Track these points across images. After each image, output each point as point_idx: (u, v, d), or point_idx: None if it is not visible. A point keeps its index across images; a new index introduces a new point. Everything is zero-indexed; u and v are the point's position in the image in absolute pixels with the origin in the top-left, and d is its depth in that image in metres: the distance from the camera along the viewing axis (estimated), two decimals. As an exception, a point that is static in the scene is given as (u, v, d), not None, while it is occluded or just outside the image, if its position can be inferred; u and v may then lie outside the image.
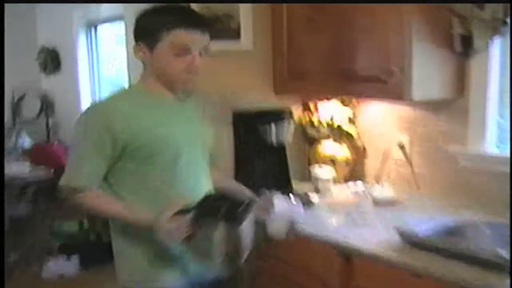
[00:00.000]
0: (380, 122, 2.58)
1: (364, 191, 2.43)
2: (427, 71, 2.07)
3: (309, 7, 2.25)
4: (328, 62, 2.26)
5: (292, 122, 2.38)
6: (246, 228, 1.55)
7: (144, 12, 1.66)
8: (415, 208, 2.20)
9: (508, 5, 1.97)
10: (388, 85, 2.05)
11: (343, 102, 2.63)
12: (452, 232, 1.93)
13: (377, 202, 2.28)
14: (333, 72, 2.25)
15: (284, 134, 2.32)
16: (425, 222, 1.96)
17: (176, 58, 1.60)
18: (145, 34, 1.63)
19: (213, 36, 1.68)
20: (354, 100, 2.62)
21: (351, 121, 2.62)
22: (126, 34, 4.60)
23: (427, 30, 2.04)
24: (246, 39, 2.37)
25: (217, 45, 1.80)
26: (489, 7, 2.00)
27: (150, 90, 1.71)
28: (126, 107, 1.64)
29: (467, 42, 2.11)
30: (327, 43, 2.25)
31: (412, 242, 1.74)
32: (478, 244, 1.85)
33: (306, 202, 2.24)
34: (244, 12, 2.40)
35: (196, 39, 1.61)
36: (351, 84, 2.20)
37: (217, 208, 1.49)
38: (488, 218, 1.98)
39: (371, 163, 2.64)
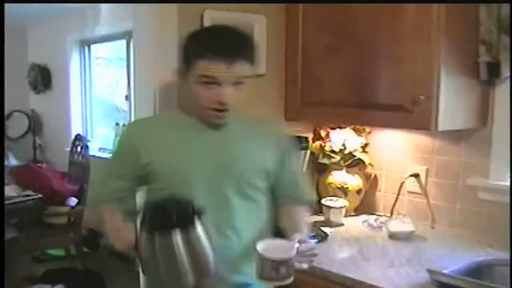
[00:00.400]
0: (395, 152, 2.48)
1: (379, 224, 2.31)
2: (453, 100, 1.97)
3: (329, 36, 2.14)
4: (347, 90, 2.15)
5: (308, 150, 2.26)
6: (203, 239, 1.34)
7: (188, 34, 1.56)
8: (435, 243, 2.08)
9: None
10: (414, 114, 1.94)
11: (356, 131, 2.52)
12: (480, 270, 1.81)
13: (392, 236, 2.16)
14: (352, 101, 2.14)
15: (301, 163, 2.19)
16: (449, 259, 1.86)
17: (204, 89, 1.45)
18: (181, 58, 1.55)
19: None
20: (367, 129, 2.52)
21: (364, 149, 2.51)
22: (129, 53, 4.48)
23: (453, 58, 1.95)
24: (259, 62, 2.25)
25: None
26: (518, 35, 1.93)
27: (182, 117, 1.62)
28: (155, 129, 1.61)
29: (492, 70, 2.02)
30: (347, 72, 2.14)
31: (442, 283, 1.62)
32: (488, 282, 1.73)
33: (320, 236, 2.11)
34: (258, 33, 2.29)
35: (222, 70, 1.44)
36: (371, 113, 2.09)
37: (167, 213, 1.30)
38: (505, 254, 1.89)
39: (384, 193, 2.52)
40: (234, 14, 2.21)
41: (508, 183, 2.11)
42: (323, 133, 2.54)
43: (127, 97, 4.58)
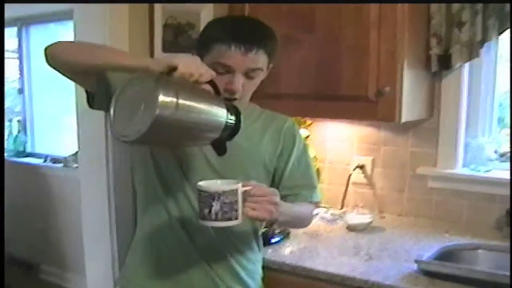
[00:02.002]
0: (338, 143, 2.49)
1: (333, 217, 2.30)
2: (412, 91, 2.01)
3: (284, 24, 2.07)
4: (305, 81, 2.10)
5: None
6: None
7: (210, 21, 1.52)
8: (396, 233, 2.12)
9: (487, 28, 1.99)
10: (378, 105, 1.95)
11: (297, 123, 2.48)
12: (450, 255, 1.87)
13: (351, 228, 2.17)
14: (312, 92, 2.10)
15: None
16: (419, 247, 1.91)
17: (218, 76, 1.33)
18: (197, 44, 1.48)
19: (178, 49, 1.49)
20: (308, 120, 2.49)
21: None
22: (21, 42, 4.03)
23: (411, 49, 1.98)
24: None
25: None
26: (468, 30, 2.01)
27: None
28: None
29: (442, 62, 2.09)
30: (306, 62, 2.08)
31: (431, 271, 1.64)
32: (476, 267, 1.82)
33: (283, 233, 2.05)
34: (204, 21, 2.15)
35: (238, 58, 1.38)
36: (332, 105, 2.06)
37: None
38: (467, 239, 1.99)
39: (327, 185, 2.52)
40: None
41: (456, 171, 2.21)
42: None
43: (21, 90, 4.15)
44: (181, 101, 1.13)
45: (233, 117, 1.26)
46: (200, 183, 1.28)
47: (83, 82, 1.38)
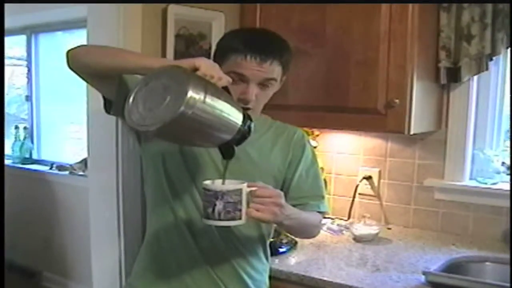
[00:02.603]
0: (345, 154, 2.49)
1: (339, 228, 2.30)
2: (421, 103, 2.02)
3: (294, 38, 2.08)
4: (314, 93, 2.12)
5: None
6: None
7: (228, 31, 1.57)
8: (402, 245, 2.12)
9: (495, 41, 2.01)
10: (388, 117, 1.96)
11: (307, 134, 2.49)
12: (457, 268, 1.88)
13: (358, 239, 2.17)
14: (321, 104, 2.11)
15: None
16: (425, 259, 1.91)
17: (232, 85, 1.34)
18: (214, 54, 1.51)
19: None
20: (316, 131, 2.50)
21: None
22: (30, 50, 4.05)
23: (421, 62, 1.99)
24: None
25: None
26: (477, 43, 2.02)
27: None
28: None
29: (451, 75, 2.11)
30: (315, 74, 2.10)
31: (438, 283, 1.64)
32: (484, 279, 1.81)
33: (291, 243, 2.05)
34: (216, 31, 2.18)
35: (253, 68, 1.40)
36: (341, 116, 2.07)
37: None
38: (473, 252, 2.00)
39: (333, 196, 2.52)
40: (195, 10, 2.12)
41: (463, 183, 2.22)
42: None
43: (28, 98, 4.16)
44: (208, 96, 1.14)
45: (247, 123, 1.27)
46: (206, 181, 1.29)
47: (102, 86, 1.40)
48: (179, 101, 1.10)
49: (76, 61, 1.35)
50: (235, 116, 1.24)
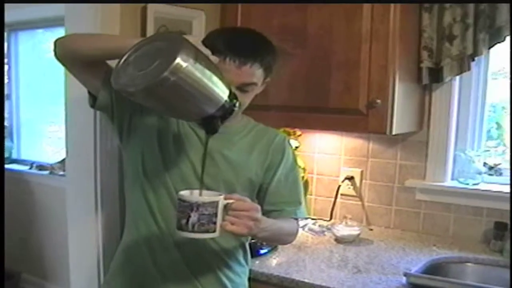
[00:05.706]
0: (327, 155, 2.48)
1: (321, 229, 2.29)
2: (403, 104, 2.01)
3: (280, 40, 2.06)
4: (295, 93, 2.09)
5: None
6: None
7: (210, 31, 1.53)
8: (383, 245, 2.11)
9: (477, 42, 2.01)
10: (369, 118, 1.94)
11: (286, 133, 2.48)
12: (437, 269, 1.88)
13: (339, 240, 2.16)
14: (301, 104, 2.09)
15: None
16: (406, 261, 1.91)
17: None
18: None
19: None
20: (297, 131, 2.48)
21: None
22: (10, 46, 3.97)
23: (403, 63, 1.98)
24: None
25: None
26: (459, 44, 2.02)
27: None
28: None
29: (433, 75, 2.10)
30: (296, 75, 2.08)
31: (419, 285, 1.63)
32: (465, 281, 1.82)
33: (270, 244, 2.03)
34: (196, 29, 2.15)
35: (232, 71, 1.35)
36: (322, 117, 2.05)
37: None
38: (454, 253, 2.00)
39: (315, 197, 2.52)
40: (175, 8, 2.08)
41: (445, 184, 2.22)
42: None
43: (8, 96, 4.09)
44: (199, 60, 1.15)
45: (233, 101, 1.25)
46: (182, 192, 1.26)
47: (89, 76, 1.39)
48: (170, 58, 1.11)
49: (64, 48, 1.35)
50: (221, 90, 1.22)
